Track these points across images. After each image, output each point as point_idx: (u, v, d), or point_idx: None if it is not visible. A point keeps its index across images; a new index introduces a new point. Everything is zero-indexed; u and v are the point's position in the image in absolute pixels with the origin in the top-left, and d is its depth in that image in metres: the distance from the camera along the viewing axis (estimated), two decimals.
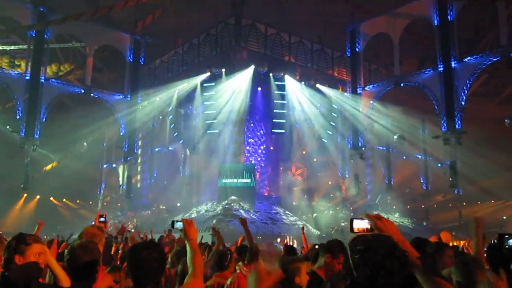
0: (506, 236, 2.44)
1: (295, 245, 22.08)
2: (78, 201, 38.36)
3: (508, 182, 28.68)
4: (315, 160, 35.68)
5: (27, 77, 29.17)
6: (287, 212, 29.96)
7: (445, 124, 26.33)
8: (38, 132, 28.90)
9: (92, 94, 32.36)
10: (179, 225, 3.44)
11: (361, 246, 2.15)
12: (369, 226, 2.19)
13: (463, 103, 25.93)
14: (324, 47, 33.01)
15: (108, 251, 8.03)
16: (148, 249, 3.03)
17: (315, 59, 32.34)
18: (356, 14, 32.50)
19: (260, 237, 23.07)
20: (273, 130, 33.97)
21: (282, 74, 31.33)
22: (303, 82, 32.27)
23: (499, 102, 33.35)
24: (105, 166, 38.95)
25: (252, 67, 30.09)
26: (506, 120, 24.30)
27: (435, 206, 35.16)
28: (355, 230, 2.27)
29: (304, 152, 35.44)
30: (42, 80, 29.74)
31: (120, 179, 35.87)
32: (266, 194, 32.30)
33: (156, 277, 3.02)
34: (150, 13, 34.50)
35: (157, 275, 3.02)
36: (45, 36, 29.89)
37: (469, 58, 26.31)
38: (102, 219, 5.73)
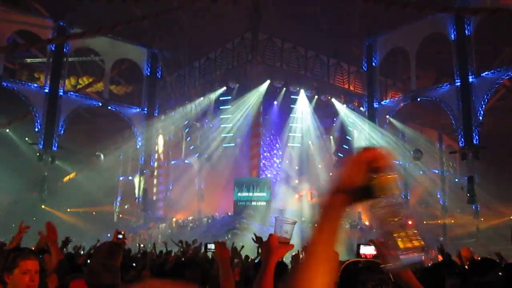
0: None
1: None
2: (94, 213, 38.54)
3: None
4: (331, 174, 35.53)
5: (46, 90, 29.59)
6: (303, 225, 29.78)
7: (462, 139, 26.12)
8: (56, 145, 29.22)
9: (109, 107, 32.66)
10: (211, 246, 3.51)
11: (350, 278, 2.15)
12: (375, 253, 2.19)
13: (480, 118, 25.71)
14: (341, 61, 33.00)
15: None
16: None
17: (331, 74, 32.34)
18: (372, 28, 32.51)
19: None
20: (288, 144, 33.97)
21: (298, 88, 31.36)
22: (316, 97, 32.23)
23: None
24: (121, 178, 39.13)
25: (268, 81, 30.17)
26: None
27: (452, 221, 34.76)
28: (362, 256, 2.28)
29: (319, 166, 35.29)
30: (61, 93, 30.13)
31: (136, 191, 35.99)
32: (281, 208, 32.15)
33: None
34: (167, 28, 34.81)
35: None
36: (64, 49, 30.34)
37: (486, 72, 26.15)
38: (120, 236, 5.70)
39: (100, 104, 32.35)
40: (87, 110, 33.88)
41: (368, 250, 2.23)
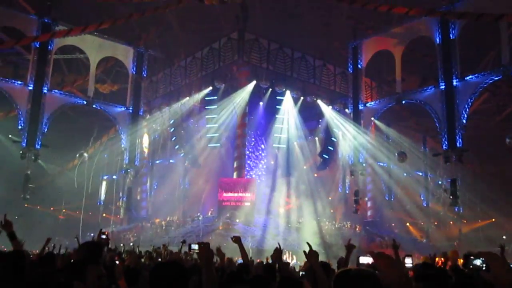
0: (472, 257, 2.50)
1: (294, 261, 22.00)
2: (77, 212, 38.25)
3: (509, 198, 28.65)
4: (315, 175, 35.66)
5: (30, 87, 29.28)
6: (288, 226, 29.83)
7: (446, 142, 26.32)
8: (39, 143, 28.90)
9: (94, 106, 32.43)
10: (195, 247, 3.51)
11: (345, 283, 2.22)
12: (371, 262, 2.31)
13: (464, 121, 25.94)
14: (327, 63, 33.10)
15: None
16: None
17: (317, 75, 32.41)
18: (358, 31, 32.68)
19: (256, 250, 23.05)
20: (274, 145, 34.02)
21: (284, 89, 31.39)
22: (302, 98, 32.27)
23: (500, 120, 33.40)
24: (105, 177, 38.89)
25: (254, 82, 30.16)
26: (507, 139, 24.29)
27: (435, 223, 35.08)
28: (361, 265, 2.41)
29: (304, 167, 35.40)
30: (45, 91, 29.81)
31: (121, 191, 35.80)
32: (266, 208, 32.22)
33: None
34: (154, 27, 34.71)
35: None
36: (49, 47, 30.04)
37: (470, 76, 26.36)
38: (103, 236, 5.67)
39: (85, 103, 32.09)
40: (71, 108, 33.59)
41: (366, 260, 2.38)
